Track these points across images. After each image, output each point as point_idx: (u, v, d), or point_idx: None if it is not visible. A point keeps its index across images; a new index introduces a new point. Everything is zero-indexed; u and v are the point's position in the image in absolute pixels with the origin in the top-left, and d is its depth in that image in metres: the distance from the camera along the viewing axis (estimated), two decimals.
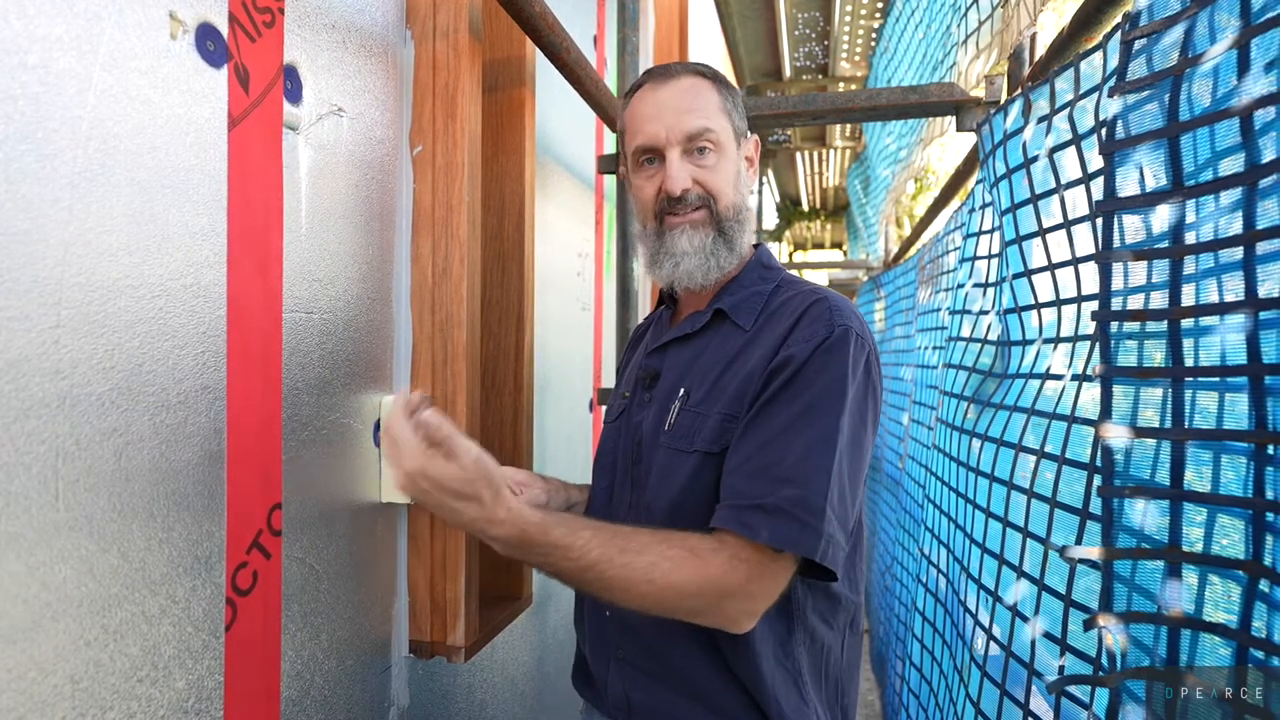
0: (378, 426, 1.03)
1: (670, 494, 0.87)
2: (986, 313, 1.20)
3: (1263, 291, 0.58)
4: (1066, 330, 0.91)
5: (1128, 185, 0.72)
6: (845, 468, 0.80)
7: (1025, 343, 1.02)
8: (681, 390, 0.91)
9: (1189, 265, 0.65)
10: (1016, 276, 1.03)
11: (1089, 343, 0.84)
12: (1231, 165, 0.61)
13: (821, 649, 0.89)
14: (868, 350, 0.85)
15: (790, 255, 13.66)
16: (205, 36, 0.73)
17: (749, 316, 0.91)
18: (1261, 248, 0.58)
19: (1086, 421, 0.82)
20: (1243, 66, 0.60)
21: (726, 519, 0.78)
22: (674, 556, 0.76)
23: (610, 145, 2.20)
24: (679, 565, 0.76)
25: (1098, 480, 0.76)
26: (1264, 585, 0.56)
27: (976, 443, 1.11)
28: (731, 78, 5.57)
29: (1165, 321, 0.66)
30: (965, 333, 1.28)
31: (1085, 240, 0.87)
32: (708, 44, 4.53)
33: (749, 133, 0.99)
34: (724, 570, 0.76)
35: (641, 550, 0.76)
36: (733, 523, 0.77)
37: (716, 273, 0.93)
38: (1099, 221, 0.76)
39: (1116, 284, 0.72)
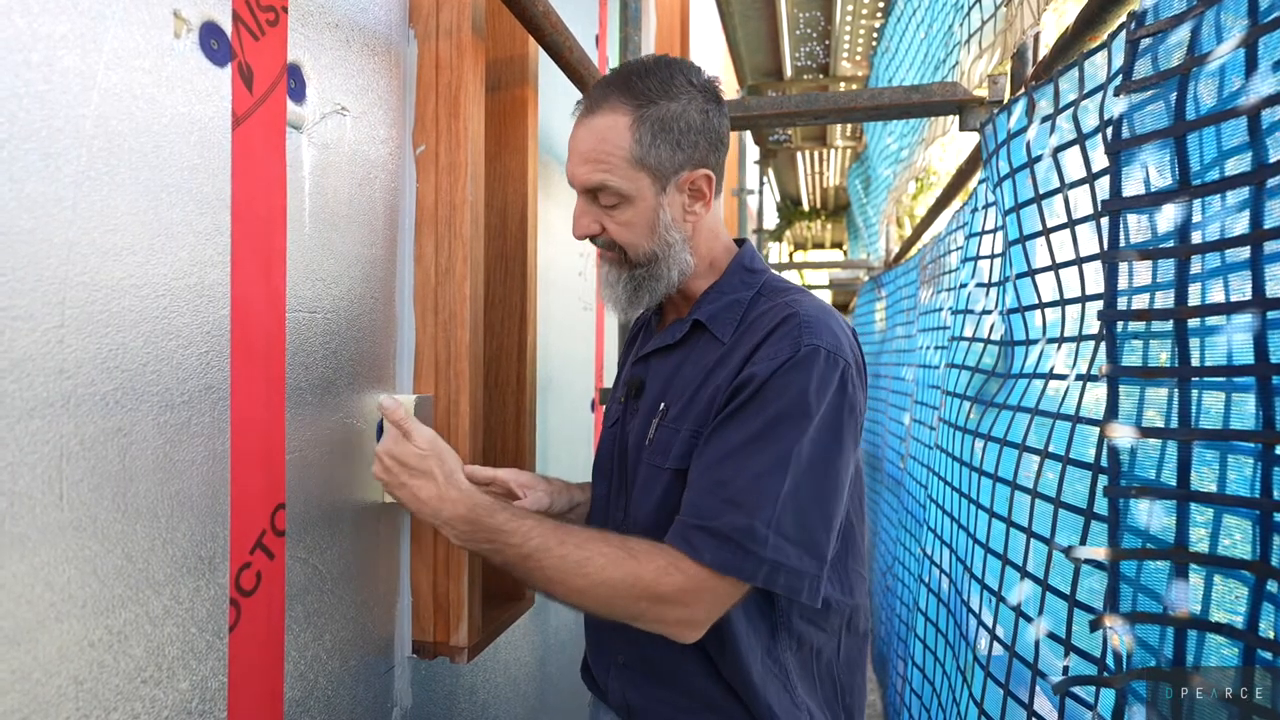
0: (380, 426, 1.03)
1: (649, 509, 0.88)
2: (989, 312, 1.20)
3: (1269, 291, 0.58)
4: (1070, 330, 0.91)
5: (1133, 185, 0.71)
6: (806, 490, 0.78)
7: (1029, 342, 1.02)
8: (662, 405, 0.91)
9: (1195, 265, 0.65)
10: (1020, 276, 1.03)
11: (1093, 342, 0.84)
12: (1238, 165, 0.61)
13: (811, 651, 0.89)
14: (842, 367, 0.81)
15: (790, 255, 13.65)
16: (209, 35, 0.73)
17: (727, 328, 0.89)
18: (1268, 247, 0.58)
19: (1090, 421, 0.81)
20: (1250, 65, 0.60)
21: (674, 535, 0.79)
22: (609, 554, 0.77)
23: None
24: (613, 563, 0.77)
25: (1102, 480, 0.76)
26: (1271, 586, 0.56)
27: (979, 443, 1.11)
28: (733, 77, 5.56)
29: (1171, 321, 0.66)
30: (968, 332, 1.27)
31: (1089, 240, 0.87)
32: (709, 43, 4.53)
33: (696, 163, 0.88)
34: (656, 575, 0.77)
35: (580, 545, 0.78)
36: (679, 540, 0.78)
37: (636, 308, 0.94)
38: (1104, 221, 0.75)
39: (1122, 283, 0.72)
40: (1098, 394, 0.81)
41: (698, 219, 0.92)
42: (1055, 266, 0.94)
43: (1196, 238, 0.65)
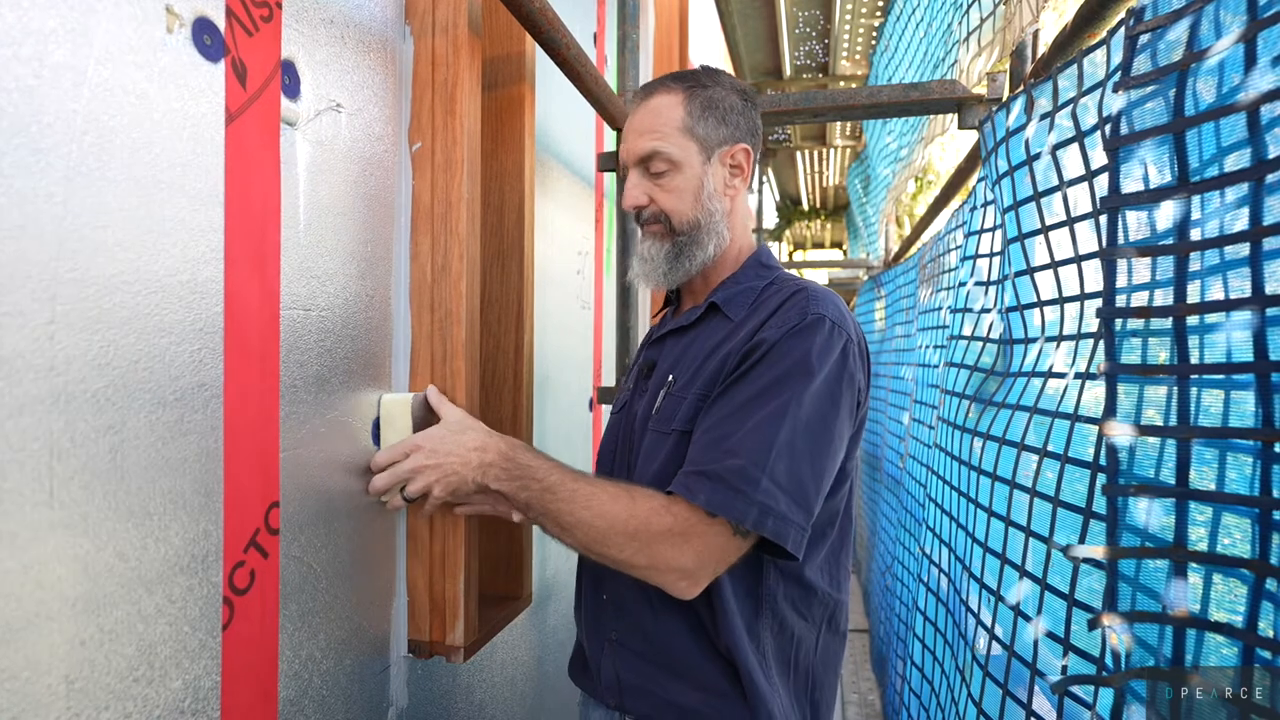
0: (376, 424, 1.02)
1: (651, 473, 0.92)
2: (988, 311, 1.20)
3: (1269, 288, 0.57)
4: (1069, 328, 0.90)
5: (1132, 181, 0.71)
6: (802, 445, 0.82)
7: (1027, 341, 1.01)
8: (670, 377, 0.96)
9: (1194, 262, 0.65)
10: (1019, 274, 1.02)
11: (1091, 341, 0.84)
12: (1237, 161, 0.61)
13: (791, 638, 0.92)
14: (846, 338, 0.87)
15: (790, 254, 13.65)
16: (202, 31, 0.72)
17: (739, 309, 0.96)
18: (1268, 244, 0.57)
19: (1089, 420, 0.81)
20: (1249, 61, 0.59)
21: (676, 482, 0.84)
22: (613, 492, 0.84)
23: (610, 143, 2.20)
24: (614, 499, 0.83)
25: (1101, 479, 0.75)
26: (1270, 584, 0.55)
27: (978, 441, 1.10)
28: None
29: (1170, 318, 0.66)
30: (967, 331, 1.27)
31: (1088, 238, 0.87)
32: (708, 42, 4.52)
33: (734, 140, 0.99)
34: (650, 512, 0.82)
35: (590, 481, 0.86)
36: (679, 485, 0.83)
37: (669, 279, 1.00)
38: (1103, 218, 0.75)
39: (1121, 281, 0.71)
40: (1097, 392, 0.80)
41: (736, 193, 1.01)
42: (1054, 264, 0.93)
43: (1195, 234, 0.65)
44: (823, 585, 0.92)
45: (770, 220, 9.49)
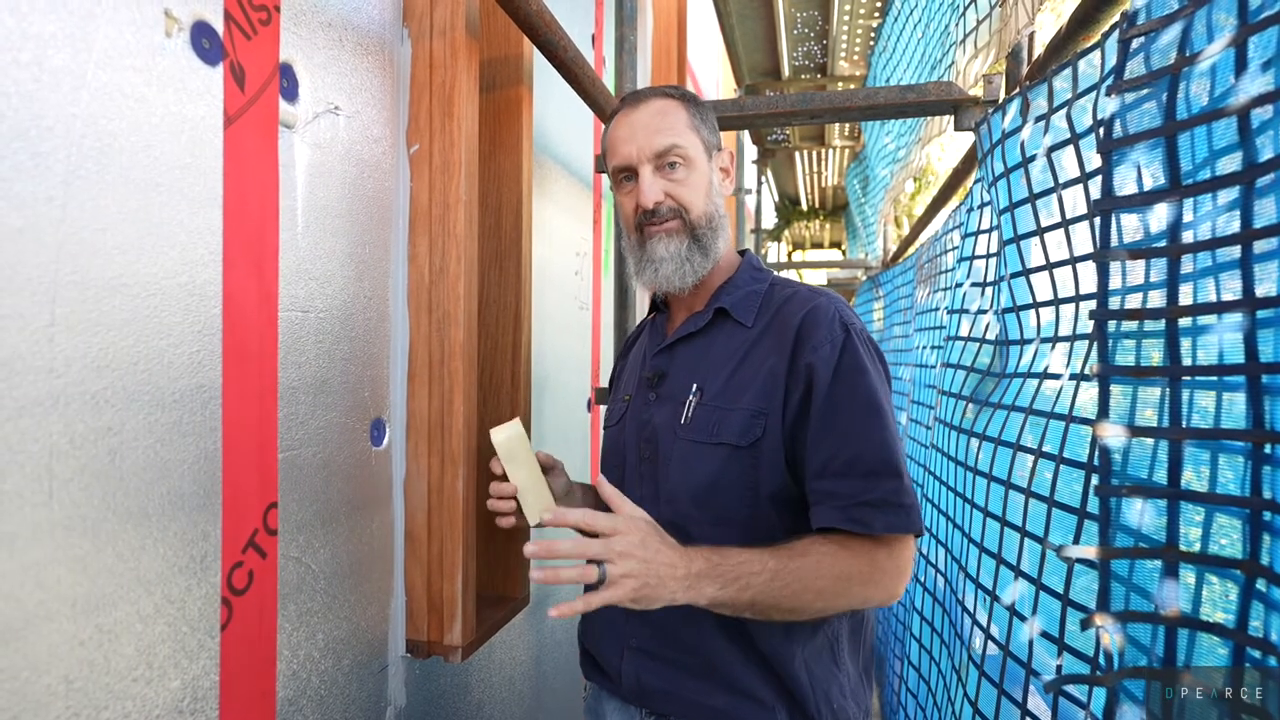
0: (374, 425, 1.03)
1: (695, 482, 0.92)
2: (985, 312, 1.20)
3: (1260, 290, 0.58)
4: (1065, 329, 0.91)
5: (1125, 184, 0.71)
6: (898, 441, 0.90)
7: (1024, 342, 1.02)
8: (694, 386, 0.96)
9: (1186, 264, 0.65)
10: (1015, 275, 1.03)
11: (1087, 342, 0.84)
12: (1229, 164, 0.61)
13: (861, 620, 0.97)
14: (865, 334, 0.93)
15: (789, 255, 13.65)
16: (200, 34, 0.73)
17: (749, 314, 0.98)
18: (1259, 246, 0.58)
19: (1084, 421, 0.81)
20: (1240, 65, 0.60)
21: (836, 519, 0.85)
22: (828, 551, 0.83)
23: None
24: (835, 557, 0.83)
25: (1095, 479, 0.76)
26: (1261, 584, 0.56)
27: (975, 442, 1.11)
28: (730, 77, 5.56)
29: (1163, 320, 0.66)
30: (964, 332, 1.28)
31: (1083, 239, 0.87)
32: (706, 43, 4.53)
33: (721, 146, 1.04)
34: (869, 551, 0.85)
35: (803, 553, 0.83)
36: (844, 521, 0.84)
37: (693, 276, 0.99)
38: (1097, 221, 0.75)
39: (1114, 283, 0.72)
40: (1092, 393, 0.81)
41: (725, 196, 1.04)
42: (1050, 266, 0.94)
43: (1188, 237, 0.65)
44: None
45: (769, 220, 9.50)
